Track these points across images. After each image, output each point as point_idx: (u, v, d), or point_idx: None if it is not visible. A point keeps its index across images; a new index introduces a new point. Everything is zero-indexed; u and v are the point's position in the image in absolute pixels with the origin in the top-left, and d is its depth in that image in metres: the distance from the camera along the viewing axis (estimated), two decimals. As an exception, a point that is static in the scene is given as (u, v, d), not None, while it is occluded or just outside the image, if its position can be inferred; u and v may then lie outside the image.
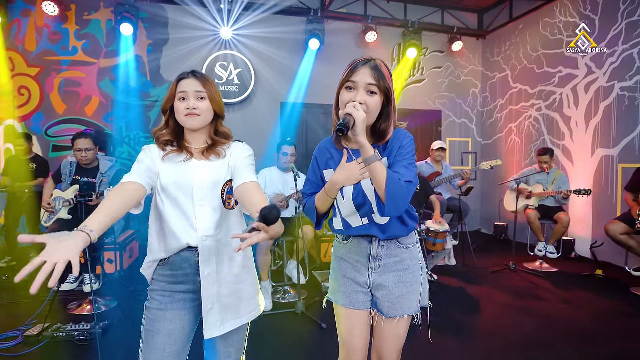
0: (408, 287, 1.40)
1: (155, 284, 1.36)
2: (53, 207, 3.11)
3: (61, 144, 5.30)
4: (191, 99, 1.33)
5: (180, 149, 1.38)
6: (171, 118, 1.40)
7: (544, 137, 5.87)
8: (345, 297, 1.42)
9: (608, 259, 4.64)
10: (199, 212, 1.33)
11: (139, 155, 1.39)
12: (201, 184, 1.34)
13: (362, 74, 1.27)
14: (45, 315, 2.66)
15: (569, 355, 2.55)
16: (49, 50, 5.23)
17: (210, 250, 1.33)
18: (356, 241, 1.43)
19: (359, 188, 1.35)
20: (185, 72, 1.39)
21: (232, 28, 5.78)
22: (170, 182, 1.33)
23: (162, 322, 1.30)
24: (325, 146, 1.46)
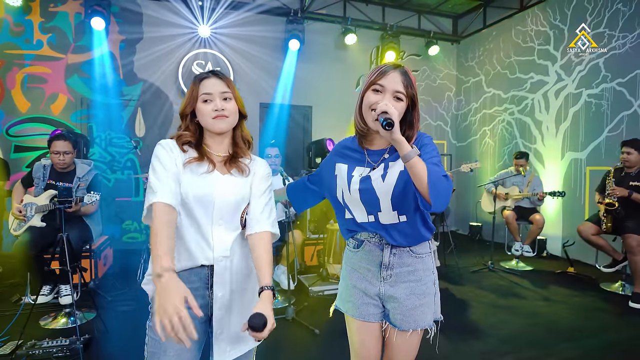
0: (421, 299, 1.35)
1: None
2: (24, 214, 2.87)
3: (24, 144, 4.94)
4: (217, 99, 1.24)
5: (201, 156, 1.25)
6: (191, 123, 1.28)
7: (516, 140, 6.10)
8: (355, 309, 1.38)
9: (578, 257, 4.88)
10: (217, 231, 1.25)
11: (160, 153, 1.21)
12: (223, 203, 1.25)
13: (391, 79, 1.24)
14: (20, 332, 2.44)
15: (557, 351, 2.65)
16: (10, 43, 4.85)
17: (225, 271, 1.26)
18: (368, 249, 1.38)
19: (367, 185, 1.29)
20: (204, 72, 1.29)
21: (210, 26, 5.61)
22: (190, 195, 1.22)
23: (169, 342, 1.16)
24: (346, 144, 1.44)
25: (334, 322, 3.08)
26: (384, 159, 1.32)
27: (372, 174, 1.31)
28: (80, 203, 2.68)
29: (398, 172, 1.27)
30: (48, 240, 2.85)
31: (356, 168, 1.35)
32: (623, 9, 4.63)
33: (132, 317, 3.08)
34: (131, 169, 5.42)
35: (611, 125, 4.76)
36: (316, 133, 6.35)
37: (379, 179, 1.28)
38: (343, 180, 1.36)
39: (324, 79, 6.36)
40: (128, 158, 5.39)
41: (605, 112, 4.83)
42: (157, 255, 1.05)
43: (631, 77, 4.53)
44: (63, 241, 2.43)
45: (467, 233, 6.89)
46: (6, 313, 3.04)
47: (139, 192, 5.46)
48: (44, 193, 2.92)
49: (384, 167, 1.30)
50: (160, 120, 5.46)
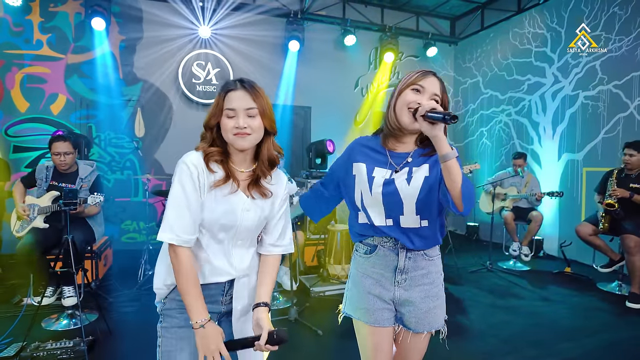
0: (434, 301, 1.38)
1: (171, 302, 1.27)
2: (28, 214, 2.86)
3: (23, 144, 4.92)
4: (240, 116, 1.18)
5: (227, 177, 1.22)
6: (217, 135, 1.24)
7: (513, 141, 6.16)
8: (369, 315, 1.37)
9: (575, 257, 4.94)
10: (237, 251, 1.29)
11: (186, 181, 1.17)
12: (247, 226, 1.27)
13: (431, 82, 1.27)
14: (25, 334, 2.44)
15: (558, 351, 2.69)
16: (9, 42, 4.83)
17: (244, 287, 1.31)
18: (382, 253, 1.37)
19: (391, 187, 1.29)
20: (232, 82, 1.23)
21: (211, 27, 5.61)
22: (215, 220, 1.22)
23: (186, 340, 1.23)
24: (365, 142, 1.41)
25: (337, 322, 3.11)
26: (407, 163, 1.32)
27: (396, 177, 1.30)
28: (83, 205, 2.68)
29: (423, 177, 1.28)
30: (51, 242, 2.85)
31: (375, 169, 1.33)
32: (619, 13, 4.69)
33: (135, 319, 3.09)
34: (130, 169, 5.41)
35: (607, 127, 4.82)
36: (315, 134, 6.37)
37: (404, 183, 1.29)
38: (363, 181, 1.34)
39: (323, 79, 6.38)
40: (127, 158, 5.38)
41: (601, 113, 4.89)
42: (196, 306, 1.17)
43: (627, 79, 4.59)
44: (68, 243, 2.43)
45: (464, 233, 6.94)
46: (7, 314, 3.03)
47: (138, 193, 5.45)
48: (46, 194, 2.92)
49: (407, 172, 1.31)
50: (160, 120, 5.45)
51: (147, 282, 3.82)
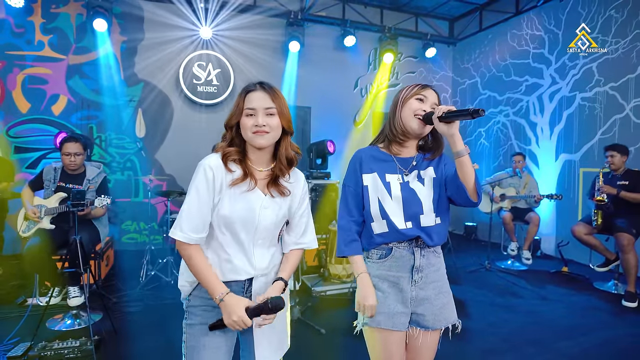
0: (447, 296, 1.46)
1: (195, 299, 1.34)
2: (38, 216, 2.89)
3: (25, 145, 4.93)
4: (260, 115, 1.25)
5: (245, 175, 1.28)
6: (236, 135, 1.31)
7: (511, 141, 6.22)
8: (389, 319, 1.39)
9: (572, 257, 5.01)
10: (258, 250, 1.33)
11: (200, 183, 1.25)
12: (265, 225, 1.31)
13: (430, 93, 1.42)
14: (33, 333, 2.47)
15: (556, 348, 2.75)
16: (11, 43, 4.84)
17: (262, 286, 1.35)
18: (398, 255, 1.41)
19: (409, 189, 1.39)
20: (252, 84, 1.30)
21: (212, 28, 5.64)
22: (236, 218, 1.27)
23: (208, 337, 1.29)
24: (368, 153, 1.48)
25: (339, 320, 3.16)
26: (413, 166, 1.44)
27: (410, 180, 1.41)
28: (90, 206, 2.71)
29: (432, 178, 1.42)
30: (57, 243, 2.89)
31: (387, 175, 1.42)
32: (615, 16, 4.76)
33: (140, 319, 3.12)
34: (131, 170, 5.43)
35: (604, 127, 4.89)
36: (315, 134, 6.41)
37: (418, 184, 1.40)
38: (380, 188, 1.41)
39: (323, 80, 6.42)
40: (128, 159, 5.40)
41: (598, 115, 4.96)
42: (212, 285, 1.25)
43: (623, 81, 4.66)
44: (76, 243, 2.47)
45: (462, 233, 7.00)
46: (12, 315, 3.06)
47: (139, 193, 5.47)
48: (53, 196, 2.95)
49: (417, 175, 1.43)
50: (160, 121, 5.47)
51: (149, 283, 3.85)
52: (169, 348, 2.60)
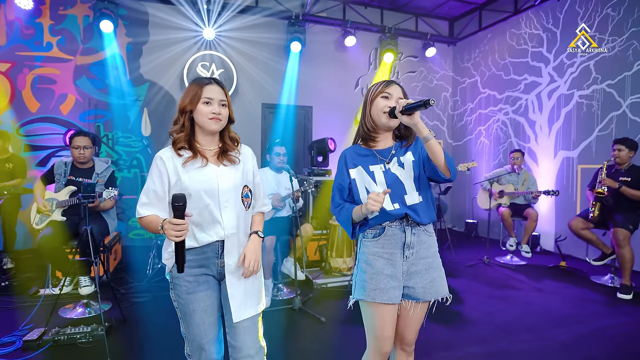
0: (437, 271, 1.59)
1: (176, 270, 1.48)
2: (49, 209, 3.02)
3: (34, 143, 5.07)
4: (216, 104, 1.49)
5: (194, 154, 1.50)
6: (188, 118, 1.51)
7: (511, 139, 6.31)
8: (383, 294, 1.52)
9: (570, 252, 5.08)
10: (225, 213, 1.52)
11: (154, 171, 1.49)
12: (225, 188, 1.52)
13: (394, 89, 1.58)
14: (47, 319, 2.59)
15: (550, 335, 2.84)
16: (20, 45, 4.98)
17: (233, 244, 1.55)
18: (390, 233, 1.54)
19: (391, 174, 1.56)
20: (206, 78, 1.53)
21: (215, 29, 5.77)
22: (199, 189, 1.48)
23: (195, 303, 1.51)
24: (352, 151, 1.66)
25: (339, 310, 3.26)
26: (393, 154, 1.60)
27: (392, 167, 1.58)
28: (99, 199, 2.83)
29: (411, 161, 1.58)
30: (69, 234, 3.02)
31: (370, 166, 1.59)
32: (612, 14, 4.84)
33: (147, 308, 3.24)
34: (137, 168, 5.56)
35: (601, 125, 4.97)
36: (317, 132, 6.52)
37: (399, 169, 1.57)
38: (365, 179, 1.58)
39: (324, 79, 6.53)
40: (134, 157, 5.53)
41: (595, 112, 5.04)
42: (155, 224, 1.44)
43: (620, 79, 4.74)
44: (87, 233, 2.58)
45: (463, 230, 7.08)
46: (25, 304, 3.19)
47: (145, 190, 5.59)
48: (64, 189, 3.08)
49: (397, 161, 1.58)
50: (165, 119, 5.60)
51: (156, 275, 3.97)
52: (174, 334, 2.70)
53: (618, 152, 3.97)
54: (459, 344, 2.71)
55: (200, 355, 1.53)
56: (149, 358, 2.46)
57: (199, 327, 1.50)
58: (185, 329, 1.53)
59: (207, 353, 1.52)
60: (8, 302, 3.24)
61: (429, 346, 2.66)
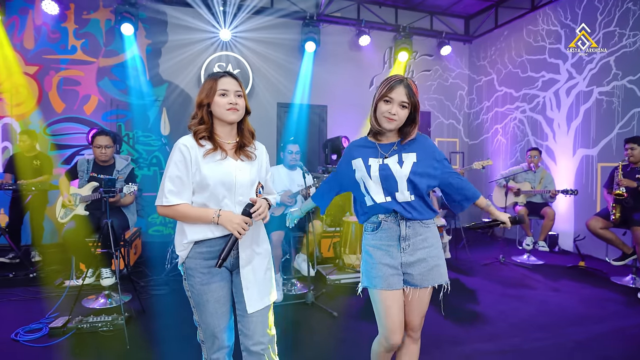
0: (436, 260, 1.67)
1: (190, 261, 1.55)
2: (73, 203, 3.17)
3: (60, 142, 5.29)
4: (231, 95, 1.52)
5: (215, 147, 1.53)
6: (206, 113, 1.54)
7: (528, 137, 6.21)
8: (383, 281, 1.63)
9: (590, 252, 4.98)
10: (239, 207, 1.55)
11: (177, 158, 1.50)
12: (242, 182, 1.56)
13: (397, 92, 1.58)
14: (71, 308, 2.72)
15: (565, 334, 2.81)
16: (47, 48, 5.21)
17: (247, 237, 1.57)
18: (386, 227, 1.66)
19: (386, 169, 1.63)
20: (221, 72, 1.57)
21: (231, 30, 5.89)
22: (217, 181, 1.51)
23: (209, 294, 1.55)
24: (357, 143, 1.77)
25: (351, 305, 3.30)
26: (394, 150, 1.66)
27: (390, 162, 1.63)
28: (119, 194, 2.95)
29: (412, 162, 1.63)
30: (91, 227, 3.17)
31: (369, 159, 1.67)
32: (633, 8, 4.72)
33: (165, 300, 3.36)
34: (157, 166, 5.73)
35: (622, 122, 4.85)
36: (331, 131, 6.56)
37: (396, 166, 1.63)
38: (363, 170, 1.67)
39: (338, 79, 6.58)
40: (154, 155, 5.70)
41: (616, 109, 4.93)
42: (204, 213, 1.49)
43: (641, 74, 4.62)
44: (108, 227, 2.70)
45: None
46: (51, 294, 3.35)
47: (164, 188, 5.75)
48: (87, 185, 3.22)
49: (398, 157, 1.64)
50: (184, 119, 5.75)
51: (173, 269, 4.09)
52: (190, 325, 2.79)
53: (631, 151, 3.92)
54: (471, 341, 2.71)
55: (213, 342, 1.58)
56: (166, 347, 2.55)
57: (212, 317, 1.55)
58: (199, 317, 1.58)
59: (220, 340, 1.58)
60: (36, 292, 3.42)
61: (441, 342, 2.68)
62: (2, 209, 4.91)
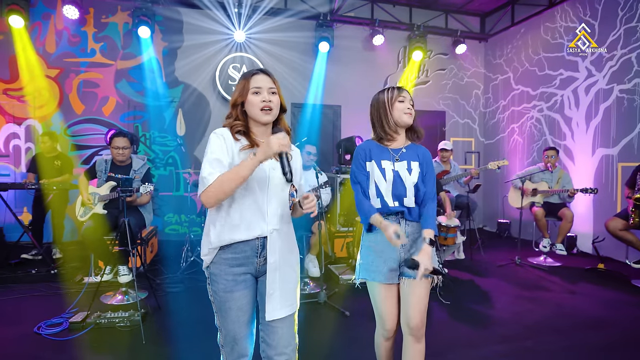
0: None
1: (215, 267, 1.50)
2: (92, 202, 3.27)
3: (80, 143, 5.44)
4: (265, 92, 1.47)
5: (251, 144, 1.48)
6: (240, 112, 1.51)
7: (545, 137, 6.09)
8: (382, 275, 1.77)
9: (609, 254, 4.85)
10: (270, 207, 1.49)
11: (214, 142, 1.45)
12: (275, 182, 1.50)
13: (405, 93, 1.81)
14: (89, 304, 2.81)
15: (578, 338, 2.75)
16: (68, 52, 5.38)
17: (276, 241, 1.50)
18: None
19: (398, 175, 1.76)
20: (254, 69, 1.53)
21: (245, 31, 5.96)
22: (252, 178, 1.44)
23: (231, 301, 1.49)
24: (368, 146, 1.85)
25: (363, 305, 3.29)
26: (403, 153, 1.81)
27: (399, 169, 1.77)
28: (136, 193, 3.03)
29: (418, 171, 1.79)
30: (109, 225, 3.26)
31: (382, 161, 1.78)
32: (656, 3, 4.59)
33: (181, 298, 3.43)
34: (172, 166, 5.84)
35: (644, 120, 4.72)
36: (345, 131, 6.57)
37: (405, 172, 1.77)
38: (377, 173, 1.78)
39: (352, 79, 6.57)
40: (170, 155, 5.82)
41: (638, 107, 4.79)
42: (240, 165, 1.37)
43: (664, 71, 4.48)
44: (125, 225, 2.78)
45: (495, 230, 6.91)
46: (71, 290, 3.46)
47: (179, 187, 5.86)
48: (105, 184, 3.32)
49: (407, 164, 1.78)
50: (199, 119, 5.86)
51: (189, 268, 4.17)
52: (205, 322, 2.85)
53: None
54: (483, 342, 2.69)
55: (232, 348, 1.53)
56: (181, 343, 2.61)
57: (234, 324, 1.50)
58: (220, 322, 1.53)
59: (239, 347, 1.52)
60: (57, 288, 3.53)
61: (452, 343, 2.66)
62: (25, 208, 5.08)
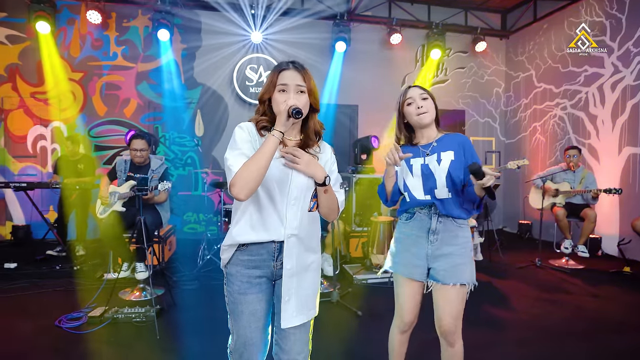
0: (462, 258, 1.68)
1: (231, 267, 1.44)
2: (107, 199, 3.39)
3: (102, 143, 5.62)
4: (291, 92, 1.35)
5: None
6: (268, 108, 1.41)
7: (569, 135, 5.90)
8: (404, 268, 1.75)
9: (636, 256, 4.66)
10: (290, 211, 1.39)
11: (239, 135, 1.37)
12: (297, 185, 1.39)
13: (412, 91, 1.79)
14: (107, 300, 2.90)
15: (600, 343, 2.65)
16: (91, 56, 5.57)
17: (293, 246, 1.40)
18: (419, 218, 1.74)
19: (427, 167, 1.71)
20: (285, 62, 1.40)
21: (262, 32, 6.02)
22: (272, 178, 1.35)
23: (245, 305, 1.41)
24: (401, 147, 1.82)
25: (376, 305, 3.28)
26: (434, 147, 1.76)
27: (430, 162, 1.72)
28: (154, 191, 3.11)
29: (450, 160, 1.70)
30: (127, 223, 3.36)
31: (411, 159, 1.76)
32: (687, -5, 4.38)
33: (196, 295, 3.49)
34: (191, 166, 5.95)
35: (674, 118, 4.50)
36: (362, 130, 6.54)
37: (435, 164, 1.71)
38: (406, 170, 1.78)
39: (369, 78, 6.53)
40: (189, 155, 5.94)
41: (667, 104, 4.58)
42: (262, 146, 1.29)
43: (697, 66, 4.27)
44: (141, 223, 2.86)
45: (515, 231, 6.73)
46: (92, 286, 3.58)
47: (198, 187, 5.97)
48: (125, 184, 3.43)
49: (437, 156, 1.73)
50: (217, 120, 5.96)
51: (205, 266, 4.24)
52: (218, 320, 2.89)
53: None
54: (500, 344, 2.63)
55: (241, 355, 1.44)
56: (195, 339, 2.66)
57: (245, 329, 1.41)
58: (233, 325, 1.46)
59: (248, 354, 1.43)
60: (78, 284, 3.65)
61: (469, 345, 2.59)
62: (51, 206, 5.29)
